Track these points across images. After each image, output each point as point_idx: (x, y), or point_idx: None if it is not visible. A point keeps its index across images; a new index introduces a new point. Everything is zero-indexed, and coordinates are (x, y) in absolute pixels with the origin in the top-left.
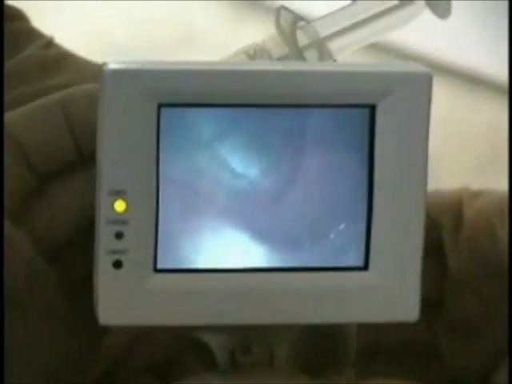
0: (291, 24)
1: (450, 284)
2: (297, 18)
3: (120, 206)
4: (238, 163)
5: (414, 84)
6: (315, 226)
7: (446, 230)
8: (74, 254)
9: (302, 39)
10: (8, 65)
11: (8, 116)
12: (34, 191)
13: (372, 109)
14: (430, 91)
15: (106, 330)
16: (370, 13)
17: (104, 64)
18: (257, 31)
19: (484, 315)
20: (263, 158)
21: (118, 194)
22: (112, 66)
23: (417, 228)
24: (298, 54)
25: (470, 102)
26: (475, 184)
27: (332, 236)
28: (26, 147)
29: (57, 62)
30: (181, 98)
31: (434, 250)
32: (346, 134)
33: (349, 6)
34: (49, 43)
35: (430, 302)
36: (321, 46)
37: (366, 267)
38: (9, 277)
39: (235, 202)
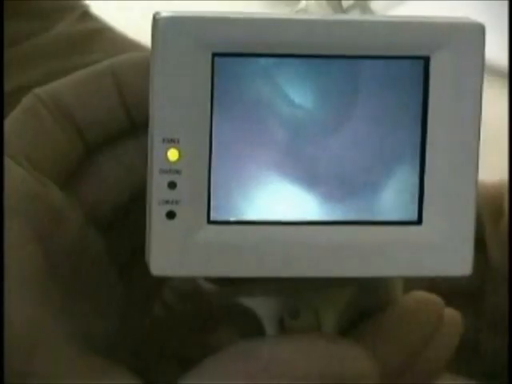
0: None
1: (491, 277)
2: None
3: (173, 154)
4: (292, 112)
5: (468, 35)
6: (368, 178)
7: (487, 223)
8: (123, 224)
9: (346, 1)
10: (39, 41)
11: (56, 84)
12: (83, 159)
13: (426, 60)
14: (483, 43)
15: (156, 300)
16: None
17: (156, 13)
18: None
19: None
20: (317, 108)
21: (172, 142)
22: (165, 14)
23: (470, 183)
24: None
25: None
26: None
27: (385, 189)
28: (76, 114)
29: (91, 37)
30: (235, 47)
31: (475, 243)
32: (400, 85)
33: None
34: (83, 14)
35: (472, 296)
36: (364, 6)
37: (419, 222)
38: (56, 245)
39: (288, 153)
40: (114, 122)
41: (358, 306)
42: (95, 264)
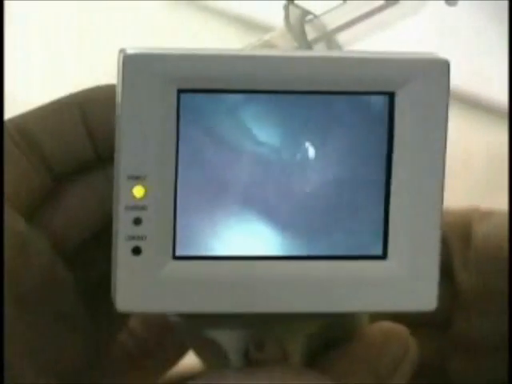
0: (299, 18)
1: (458, 304)
2: (305, 12)
3: (139, 191)
4: (256, 149)
5: (433, 71)
6: (333, 215)
7: (455, 250)
8: (90, 255)
9: (311, 33)
10: None
11: (23, 115)
12: (50, 191)
13: (391, 96)
14: (448, 78)
15: (121, 329)
16: (377, 3)
17: (121, 50)
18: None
19: (493, 336)
20: (281, 145)
21: (137, 179)
22: (130, 51)
23: (434, 218)
24: (307, 47)
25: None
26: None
27: (350, 225)
28: (42, 147)
29: None
30: (201, 83)
31: (443, 269)
32: (365, 121)
33: None
34: None
35: (439, 323)
36: (329, 39)
37: (384, 256)
38: (25, 277)
39: (254, 188)
40: (81, 153)
41: (324, 337)
42: (62, 295)
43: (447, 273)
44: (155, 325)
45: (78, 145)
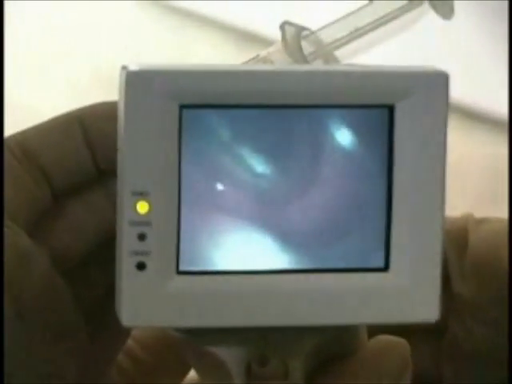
0: (295, 34)
1: (454, 311)
2: (300, 28)
3: (143, 207)
4: (259, 163)
5: (432, 84)
6: (335, 228)
7: (451, 257)
8: (90, 271)
9: (307, 48)
10: None
11: (24, 131)
12: (51, 207)
13: (391, 109)
14: (447, 91)
15: (120, 347)
16: (373, 17)
17: (124, 66)
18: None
19: (489, 342)
20: (283, 158)
21: (141, 195)
22: (132, 68)
23: (436, 229)
24: (304, 63)
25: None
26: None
27: (352, 237)
28: (43, 163)
29: None
30: (202, 99)
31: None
32: (365, 134)
33: (353, 12)
34: None
35: (434, 329)
36: (326, 54)
37: (386, 268)
38: (24, 290)
39: (256, 202)
40: (81, 169)
41: (325, 352)
42: (61, 311)
43: (443, 279)
44: (154, 346)
45: (78, 160)
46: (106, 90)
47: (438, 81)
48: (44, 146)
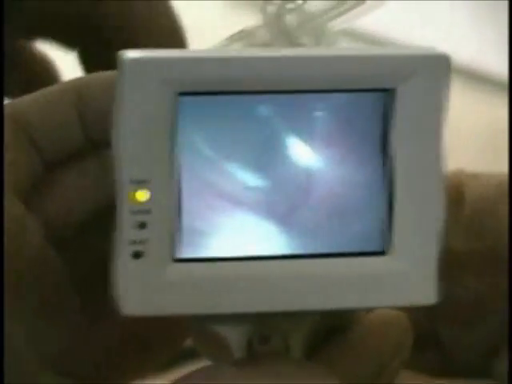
0: (278, 7)
1: (450, 266)
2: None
3: (142, 195)
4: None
5: (434, 66)
6: (334, 213)
7: (447, 211)
8: (83, 242)
9: (293, 23)
10: None
11: (20, 100)
12: (43, 177)
13: (392, 93)
14: (448, 73)
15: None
16: None
17: (121, 53)
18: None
19: (485, 296)
20: (283, 144)
21: (140, 183)
22: (130, 54)
23: (435, 213)
24: (287, 37)
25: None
26: None
27: (351, 222)
28: (34, 131)
29: None
30: (200, 86)
31: None
32: (366, 118)
33: None
34: None
35: None
36: (316, 28)
37: (384, 252)
38: (15, 261)
39: (255, 188)
40: (72, 140)
41: (325, 326)
42: (54, 284)
43: None
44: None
45: (69, 132)
46: None
47: (439, 63)
48: (38, 116)
